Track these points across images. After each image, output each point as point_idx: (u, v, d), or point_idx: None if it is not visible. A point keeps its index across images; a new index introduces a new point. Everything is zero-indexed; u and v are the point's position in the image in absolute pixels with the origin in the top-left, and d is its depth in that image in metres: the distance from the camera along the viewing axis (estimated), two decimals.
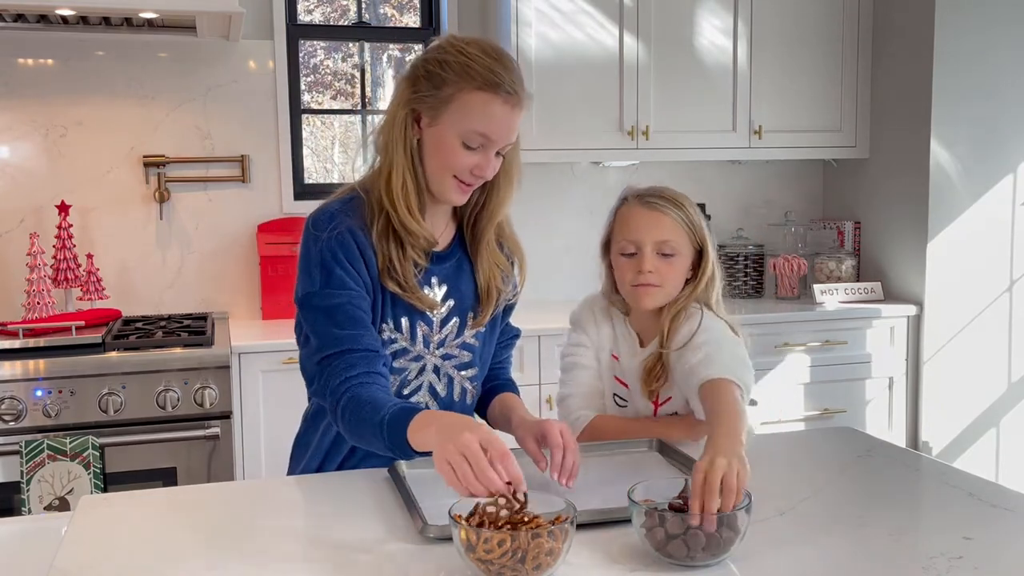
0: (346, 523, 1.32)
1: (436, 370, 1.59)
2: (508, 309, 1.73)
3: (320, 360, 1.45)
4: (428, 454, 1.29)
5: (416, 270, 1.52)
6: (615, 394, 1.75)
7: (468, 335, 1.60)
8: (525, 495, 1.17)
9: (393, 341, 1.53)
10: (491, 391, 1.69)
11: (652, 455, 1.60)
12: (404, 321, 1.53)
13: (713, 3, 3.35)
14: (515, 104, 1.46)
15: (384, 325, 1.52)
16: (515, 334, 1.79)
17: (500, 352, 1.74)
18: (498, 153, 1.49)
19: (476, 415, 1.70)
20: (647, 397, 1.70)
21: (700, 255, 1.69)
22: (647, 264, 1.64)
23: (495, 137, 1.46)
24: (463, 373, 1.62)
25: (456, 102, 1.44)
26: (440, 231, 1.59)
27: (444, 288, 1.57)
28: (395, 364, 1.54)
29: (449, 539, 1.18)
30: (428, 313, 1.55)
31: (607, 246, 1.75)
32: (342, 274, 1.46)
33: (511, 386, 1.71)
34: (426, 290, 1.54)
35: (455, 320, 1.58)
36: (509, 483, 1.17)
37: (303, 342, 1.51)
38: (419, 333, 1.55)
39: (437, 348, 1.58)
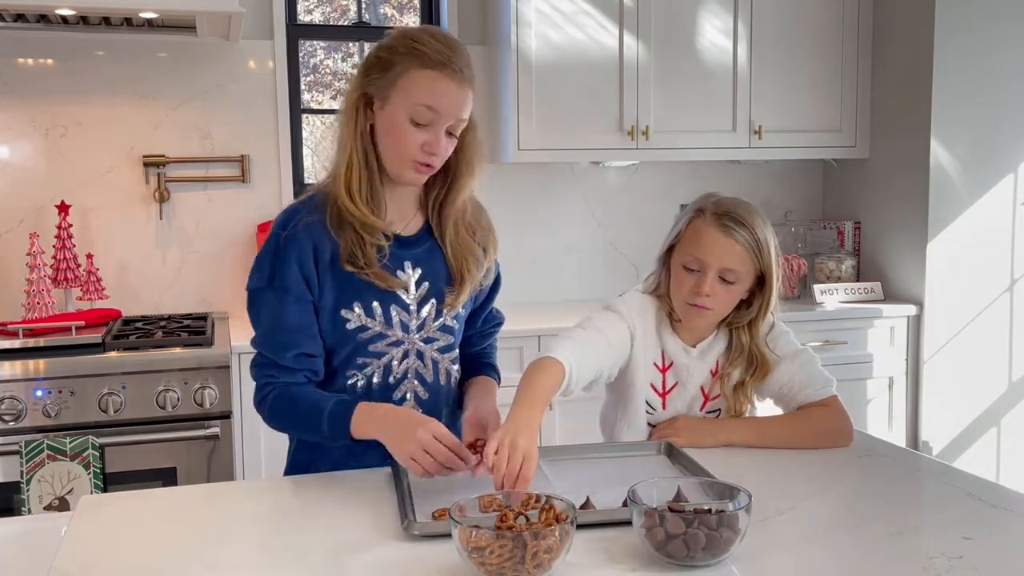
0: (346, 523, 1.32)
1: (420, 355, 1.61)
2: (491, 296, 1.76)
3: (257, 351, 1.57)
4: (365, 441, 1.46)
5: (379, 255, 1.54)
6: (647, 401, 1.75)
7: (447, 317, 1.62)
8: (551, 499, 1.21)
9: (365, 328, 1.55)
10: (474, 372, 1.73)
11: (660, 459, 1.60)
12: (376, 306, 1.56)
13: (713, 3, 3.35)
14: (462, 82, 1.48)
15: (349, 312, 1.54)
16: (499, 321, 1.82)
17: (482, 340, 1.77)
18: (450, 134, 1.51)
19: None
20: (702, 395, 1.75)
21: (761, 278, 1.68)
22: (706, 287, 1.63)
23: (442, 110, 1.47)
24: (446, 356, 1.65)
25: (404, 79, 1.47)
26: (408, 217, 1.61)
27: (419, 271, 1.60)
28: (372, 348, 1.57)
29: (437, 536, 1.19)
30: (402, 296, 1.57)
31: (671, 250, 1.72)
32: (288, 274, 1.51)
33: (491, 371, 1.74)
34: (399, 274, 1.57)
35: (432, 302, 1.60)
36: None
37: (252, 324, 1.59)
38: (395, 317, 1.57)
39: (417, 332, 1.59)
